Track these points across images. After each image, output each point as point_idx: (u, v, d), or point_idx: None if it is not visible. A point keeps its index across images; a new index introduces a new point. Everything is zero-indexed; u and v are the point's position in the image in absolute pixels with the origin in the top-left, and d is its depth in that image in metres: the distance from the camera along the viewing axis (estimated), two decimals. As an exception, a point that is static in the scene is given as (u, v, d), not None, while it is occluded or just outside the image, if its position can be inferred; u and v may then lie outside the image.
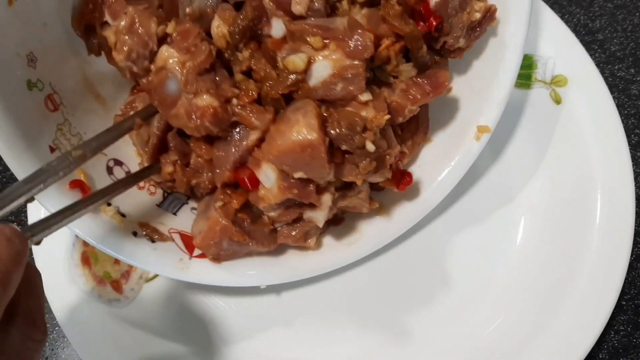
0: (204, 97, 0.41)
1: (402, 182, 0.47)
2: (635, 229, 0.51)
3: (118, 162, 0.49)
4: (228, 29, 0.42)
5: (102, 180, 0.47)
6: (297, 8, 0.41)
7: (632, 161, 0.52)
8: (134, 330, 0.53)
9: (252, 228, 0.46)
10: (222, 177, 0.44)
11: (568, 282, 0.51)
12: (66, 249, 0.54)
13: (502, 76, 0.47)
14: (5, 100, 0.39)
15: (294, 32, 0.42)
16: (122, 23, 0.42)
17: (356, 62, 0.40)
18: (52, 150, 0.43)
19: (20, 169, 0.40)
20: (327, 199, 0.43)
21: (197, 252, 0.49)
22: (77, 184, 0.44)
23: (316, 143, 0.39)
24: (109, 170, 0.48)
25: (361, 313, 0.54)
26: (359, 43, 0.40)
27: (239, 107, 0.41)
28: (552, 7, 0.56)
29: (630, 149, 0.52)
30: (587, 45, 0.61)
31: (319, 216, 0.45)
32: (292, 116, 0.40)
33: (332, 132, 0.40)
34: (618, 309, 0.54)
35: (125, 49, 0.42)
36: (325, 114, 0.41)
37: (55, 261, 0.54)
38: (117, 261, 0.55)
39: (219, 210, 0.45)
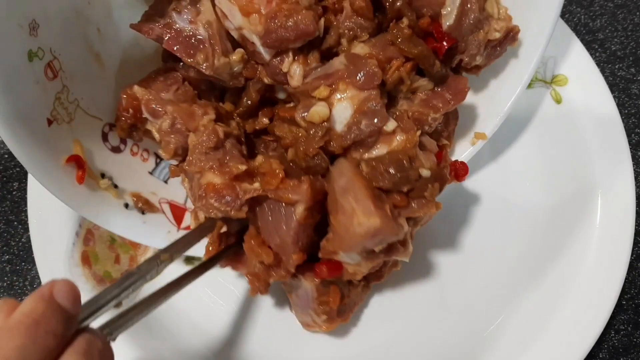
0: (207, 175, 0.41)
1: (460, 173, 0.45)
2: (635, 229, 0.51)
3: (114, 127, 0.48)
4: (238, 111, 0.45)
5: (98, 151, 0.46)
6: (294, 82, 0.42)
7: (632, 161, 0.52)
8: (133, 330, 0.53)
9: (350, 303, 0.48)
10: (293, 262, 0.42)
11: (568, 282, 0.51)
12: (66, 249, 0.54)
13: (509, 88, 0.47)
14: (4, 76, 0.37)
15: (295, 94, 0.42)
16: (165, 124, 0.43)
17: (371, 91, 0.40)
18: (49, 123, 0.42)
19: (19, 147, 0.39)
20: (410, 248, 0.42)
21: (184, 224, 0.49)
22: (73, 159, 0.43)
23: (381, 225, 0.38)
24: (104, 137, 0.47)
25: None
26: (365, 72, 0.40)
27: (271, 192, 0.41)
28: (552, 6, 0.56)
29: (630, 148, 0.52)
30: (588, 45, 0.61)
31: (406, 257, 0.43)
32: (346, 203, 0.38)
33: (387, 182, 0.39)
34: (618, 308, 0.54)
35: (171, 147, 0.44)
36: (367, 169, 0.40)
37: (56, 261, 0.54)
38: (117, 260, 0.55)
39: (323, 320, 0.47)
